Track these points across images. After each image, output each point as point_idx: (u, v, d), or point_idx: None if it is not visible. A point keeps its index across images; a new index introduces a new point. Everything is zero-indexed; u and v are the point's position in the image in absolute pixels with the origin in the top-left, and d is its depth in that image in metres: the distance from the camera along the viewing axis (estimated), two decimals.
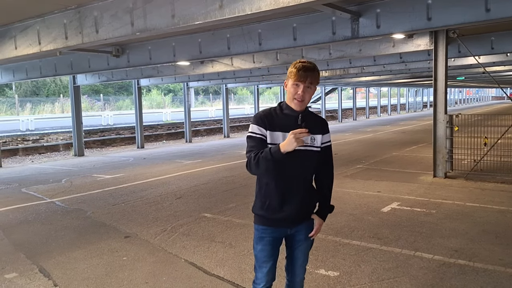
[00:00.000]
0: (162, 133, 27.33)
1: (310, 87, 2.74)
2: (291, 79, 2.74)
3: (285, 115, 2.79)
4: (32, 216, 7.40)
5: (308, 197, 2.93)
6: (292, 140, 2.53)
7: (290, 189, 2.82)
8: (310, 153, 2.82)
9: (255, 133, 2.75)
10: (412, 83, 34.43)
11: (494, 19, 6.47)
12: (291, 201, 2.83)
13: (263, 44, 8.67)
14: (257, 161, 2.65)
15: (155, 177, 10.86)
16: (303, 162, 2.80)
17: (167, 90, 54.26)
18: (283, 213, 2.83)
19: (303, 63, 2.71)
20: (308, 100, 2.78)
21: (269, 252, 2.90)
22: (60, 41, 7.22)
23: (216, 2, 5.34)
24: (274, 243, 2.92)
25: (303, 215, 2.93)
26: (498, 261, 4.76)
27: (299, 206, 2.85)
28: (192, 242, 5.74)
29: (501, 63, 15.37)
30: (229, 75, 18.29)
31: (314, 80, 2.73)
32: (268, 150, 2.62)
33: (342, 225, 6.28)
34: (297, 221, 2.91)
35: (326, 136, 2.93)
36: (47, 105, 38.44)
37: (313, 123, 2.82)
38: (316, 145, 2.85)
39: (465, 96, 74.92)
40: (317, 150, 2.86)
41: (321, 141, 2.88)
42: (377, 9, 7.18)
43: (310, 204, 2.98)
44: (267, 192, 2.84)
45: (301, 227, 2.94)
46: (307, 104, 2.81)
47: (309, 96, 2.76)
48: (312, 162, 2.87)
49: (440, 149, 9.55)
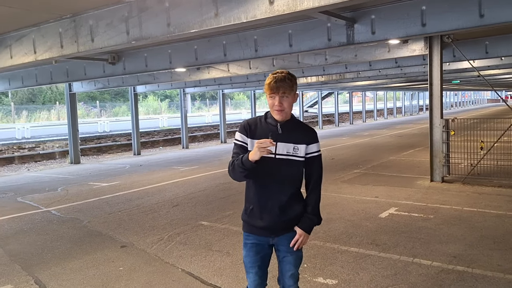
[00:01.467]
0: (158, 139, 27.29)
1: (286, 96, 2.79)
2: (266, 93, 2.82)
3: (267, 124, 2.87)
4: (27, 226, 7.35)
5: (290, 207, 2.89)
6: (256, 149, 2.62)
7: (269, 197, 2.87)
8: (292, 162, 2.85)
9: (238, 140, 2.89)
10: (407, 87, 34.53)
11: (488, 25, 6.50)
12: (270, 210, 2.87)
13: (259, 50, 8.68)
14: (233, 167, 2.78)
15: (152, 185, 10.82)
16: (284, 171, 2.85)
17: (163, 96, 54.29)
18: (262, 221, 2.89)
19: (275, 75, 2.79)
20: (288, 108, 2.82)
21: (252, 258, 2.96)
22: (55, 50, 7.21)
23: (212, 11, 5.34)
24: (257, 250, 2.95)
25: (283, 226, 2.90)
26: (497, 267, 4.75)
27: (277, 216, 2.87)
28: (189, 251, 5.71)
29: (496, 66, 15.42)
30: (225, 80, 18.30)
31: (287, 89, 2.77)
32: (241, 158, 2.72)
33: (340, 231, 6.26)
34: (277, 231, 2.91)
35: (312, 146, 2.90)
36: (43, 112, 38.40)
37: (298, 132, 2.86)
38: (299, 155, 2.85)
39: (460, 99, 75.18)
40: (301, 160, 2.86)
41: (305, 151, 2.87)
42: (371, 15, 7.20)
43: (292, 215, 2.91)
44: (249, 198, 2.95)
45: (283, 238, 2.92)
46: (289, 113, 2.85)
47: (288, 104, 2.81)
48: (294, 171, 2.88)
49: (436, 153, 9.56)
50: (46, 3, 6.26)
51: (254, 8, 4.97)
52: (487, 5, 6.33)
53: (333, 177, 10.58)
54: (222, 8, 5.25)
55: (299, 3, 4.65)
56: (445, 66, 13.14)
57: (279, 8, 4.78)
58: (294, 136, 2.84)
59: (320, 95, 34.84)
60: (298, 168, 2.88)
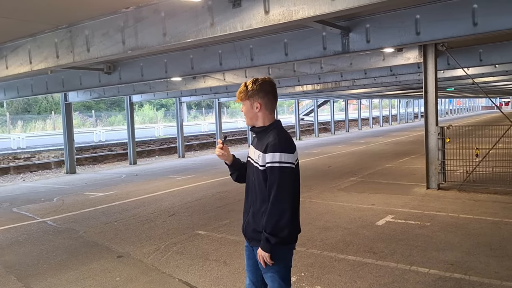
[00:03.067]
0: (154, 148, 27.24)
1: (243, 104, 2.96)
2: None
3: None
4: (23, 237, 7.31)
5: (254, 217, 2.89)
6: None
7: (248, 203, 2.98)
8: (256, 169, 2.90)
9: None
10: (403, 94, 34.69)
11: (482, 33, 6.55)
12: (246, 214, 2.99)
13: (255, 59, 8.71)
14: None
15: (148, 194, 10.79)
16: (251, 177, 2.96)
17: (159, 105, 54.24)
18: (242, 225, 3.04)
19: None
20: (249, 115, 2.95)
21: (245, 261, 3.10)
22: (51, 60, 7.21)
23: (207, 20, 5.36)
24: (248, 254, 3.06)
25: (253, 235, 2.91)
26: (494, 274, 4.75)
27: (247, 222, 2.96)
28: (186, 260, 5.68)
29: (490, 74, 15.53)
30: (221, 89, 18.32)
31: (242, 98, 2.94)
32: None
33: (337, 239, 6.25)
34: (250, 239, 2.96)
35: (268, 155, 2.78)
36: (39, 122, 38.29)
37: (265, 141, 2.87)
38: (260, 164, 2.85)
39: (455, 106, 75.51)
40: (261, 169, 2.84)
41: (264, 160, 2.81)
42: (366, 24, 7.25)
43: (256, 224, 2.87)
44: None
45: (255, 249, 2.92)
46: (251, 119, 2.96)
47: (246, 111, 2.95)
48: (260, 179, 2.86)
49: (432, 160, 9.59)
50: (42, 14, 6.27)
51: (249, 18, 4.99)
52: (480, 13, 6.39)
53: (329, 185, 10.58)
54: (217, 18, 5.28)
55: (294, 12, 4.68)
56: (439, 74, 13.25)
57: (274, 18, 4.81)
58: (261, 144, 2.88)
59: (316, 103, 34.93)
60: (260, 176, 2.84)
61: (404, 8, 6.93)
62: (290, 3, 4.67)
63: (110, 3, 5.85)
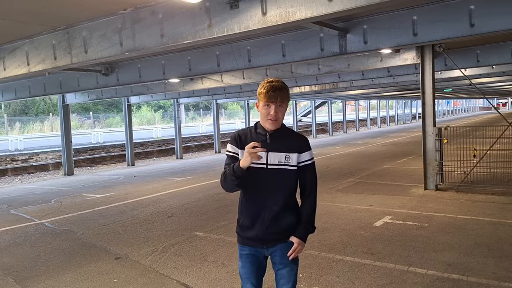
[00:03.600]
0: (152, 150, 27.22)
1: (282, 106, 2.77)
2: (261, 101, 2.77)
3: (257, 134, 2.85)
4: (21, 239, 7.29)
5: (283, 217, 2.86)
6: (246, 154, 2.60)
7: (262, 208, 2.84)
8: (284, 171, 2.82)
9: (229, 152, 2.88)
10: (400, 95, 34.75)
11: (478, 34, 6.57)
12: (262, 221, 2.84)
13: (252, 60, 8.72)
14: (225, 177, 2.77)
15: (146, 196, 10.78)
16: (277, 181, 2.82)
17: (157, 107, 54.24)
18: (253, 231, 2.86)
19: (271, 83, 2.74)
20: (281, 118, 2.81)
21: (248, 269, 2.92)
22: (48, 62, 7.21)
23: (205, 22, 5.37)
24: (253, 261, 2.92)
25: (276, 236, 2.86)
26: (492, 275, 4.76)
27: (269, 226, 2.83)
28: (184, 262, 5.68)
29: (487, 75, 15.58)
30: (219, 91, 18.34)
31: (284, 98, 2.77)
32: (232, 166, 2.71)
33: (335, 240, 6.25)
34: (269, 241, 2.87)
35: (304, 154, 2.86)
36: (37, 124, 38.24)
37: (288, 141, 2.85)
38: (291, 164, 2.83)
39: (453, 107, 75.67)
40: (293, 169, 2.84)
41: (297, 160, 2.84)
42: (364, 25, 7.27)
43: (286, 225, 2.87)
44: (242, 209, 2.94)
45: (277, 248, 2.89)
46: (281, 122, 2.84)
47: (282, 114, 2.80)
48: (288, 181, 2.85)
49: (430, 161, 9.61)
50: (40, 16, 6.27)
51: (247, 19, 5.00)
52: (477, 14, 6.41)
53: (327, 186, 10.59)
54: (215, 19, 5.28)
55: (291, 14, 4.69)
56: (437, 74, 13.26)
57: (272, 19, 4.82)
58: (285, 145, 2.81)
59: (314, 104, 34.97)
60: (291, 177, 2.85)
61: (401, 9, 6.95)
62: (288, 4, 4.68)
63: (107, 4, 5.85)
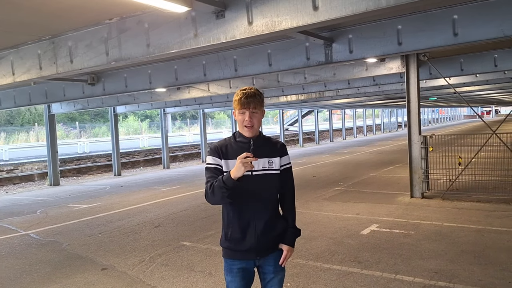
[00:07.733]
0: (139, 159, 27.03)
1: (256, 112, 2.80)
2: (236, 109, 2.82)
3: (238, 142, 2.85)
4: (5, 250, 7.18)
5: (273, 224, 2.85)
6: (240, 165, 2.57)
7: (252, 217, 2.81)
8: (269, 176, 2.84)
9: (210, 164, 2.81)
10: (386, 104, 35.06)
11: (462, 43, 6.67)
12: (254, 230, 2.80)
13: (239, 70, 8.74)
14: (212, 190, 2.69)
15: (133, 206, 10.69)
16: (264, 186, 2.82)
17: (144, 116, 54.03)
18: (246, 243, 2.80)
19: (244, 91, 2.79)
20: (257, 124, 2.83)
21: (238, 283, 2.85)
22: (34, 72, 7.14)
23: (191, 31, 5.38)
24: (244, 275, 2.85)
25: (268, 244, 2.84)
26: (478, 282, 4.80)
27: (263, 233, 2.80)
28: (171, 272, 5.64)
29: (471, 83, 15.80)
30: (206, 100, 18.34)
31: (257, 105, 2.79)
32: (221, 178, 2.65)
33: (323, 249, 6.26)
34: (262, 250, 2.84)
35: (285, 158, 2.93)
36: (22, 134, 37.83)
37: (269, 147, 2.88)
38: (275, 168, 2.85)
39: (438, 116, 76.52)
40: (277, 173, 2.86)
41: (280, 163, 2.88)
42: (349, 34, 7.34)
43: (276, 231, 2.86)
44: (229, 222, 2.85)
45: (268, 258, 2.87)
46: (258, 129, 2.85)
47: (257, 120, 2.82)
48: (273, 185, 2.86)
49: (416, 169, 9.69)
50: (26, 25, 6.22)
51: (233, 29, 5.02)
52: (460, 24, 6.51)
53: (314, 195, 10.61)
54: (201, 29, 5.29)
55: (277, 23, 4.72)
56: (422, 83, 13.45)
57: (258, 29, 4.84)
58: (266, 150, 2.84)
59: (300, 113, 35.13)
60: (275, 181, 2.86)
61: (386, 19, 7.03)
62: (273, 14, 4.71)
63: (93, 14, 5.83)
